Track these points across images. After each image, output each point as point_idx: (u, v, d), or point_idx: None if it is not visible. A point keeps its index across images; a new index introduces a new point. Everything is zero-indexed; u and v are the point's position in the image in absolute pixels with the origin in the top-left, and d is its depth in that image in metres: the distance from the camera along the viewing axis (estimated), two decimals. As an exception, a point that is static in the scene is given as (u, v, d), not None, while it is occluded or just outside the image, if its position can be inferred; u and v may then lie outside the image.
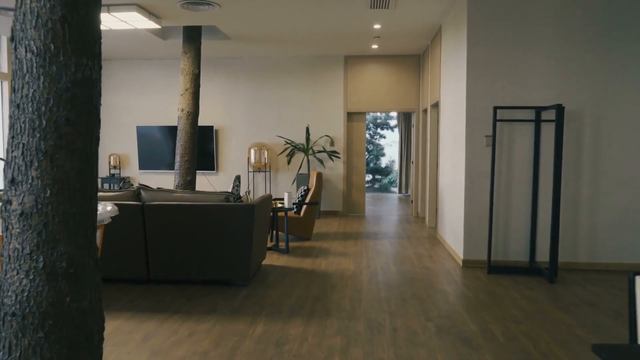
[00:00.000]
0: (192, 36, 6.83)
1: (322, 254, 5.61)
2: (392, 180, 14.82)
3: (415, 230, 7.27)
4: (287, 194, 5.74)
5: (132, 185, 4.56)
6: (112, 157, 9.17)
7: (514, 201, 4.96)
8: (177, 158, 6.89)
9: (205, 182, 9.11)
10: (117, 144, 9.31)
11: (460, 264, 5.11)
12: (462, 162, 5.16)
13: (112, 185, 9.28)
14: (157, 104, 9.17)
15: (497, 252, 5.02)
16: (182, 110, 6.83)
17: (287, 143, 8.56)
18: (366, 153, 14.80)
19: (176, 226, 4.17)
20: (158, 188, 4.37)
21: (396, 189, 14.07)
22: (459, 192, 5.31)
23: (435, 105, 7.37)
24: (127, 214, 4.18)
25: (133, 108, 9.22)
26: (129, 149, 9.28)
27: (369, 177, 15.09)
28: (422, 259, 5.40)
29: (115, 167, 9.20)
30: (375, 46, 7.94)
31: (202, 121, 9.06)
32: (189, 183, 6.92)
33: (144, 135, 9.06)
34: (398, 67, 8.68)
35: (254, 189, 9.01)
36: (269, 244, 6.21)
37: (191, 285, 4.32)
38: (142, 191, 4.34)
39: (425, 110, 8.31)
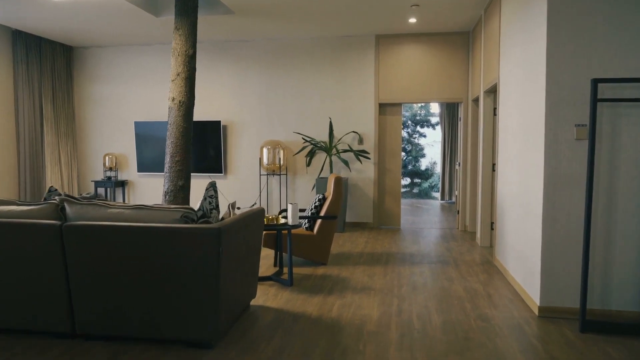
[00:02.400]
0: (186, 8, 5.52)
1: (337, 289, 4.12)
2: (433, 184, 13.13)
3: (464, 251, 5.66)
4: (291, 207, 4.30)
5: (59, 194, 3.24)
6: (107, 158, 8.00)
7: (619, 222, 3.32)
8: (167, 158, 5.60)
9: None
10: (113, 143, 8.14)
11: (536, 312, 3.50)
12: (538, 164, 3.56)
13: (107, 190, 8.12)
14: (158, 96, 7.94)
15: (592, 298, 3.38)
16: (173, 99, 5.54)
17: (307, 141, 7.12)
18: (403, 153, 13.19)
19: (111, 258, 2.80)
20: (91, 200, 3.01)
21: (438, 194, 12.38)
22: (532, 206, 3.70)
23: (492, 91, 5.74)
24: (39, 238, 2.84)
25: (131, 101, 8.02)
26: (127, 148, 8.09)
27: (406, 180, 13.46)
28: (477, 300, 3.82)
29: (111, 169, 8.03)
30: (413, 20, 6.38)
31: (208, 115, 7.76)
32: (180, 189, 5.61)
33: (144, 132, 7.84)
34: (441, 48, 7.07)
35: (267, 196, 7.62)
36: (272, 271, 4.78)
37: (133, 345, 2.93)
38: (66, 205, 2.99)
39: (476, 100, 6.68)
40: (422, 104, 13.24)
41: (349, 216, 7.42)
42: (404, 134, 13.26)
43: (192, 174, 7.74)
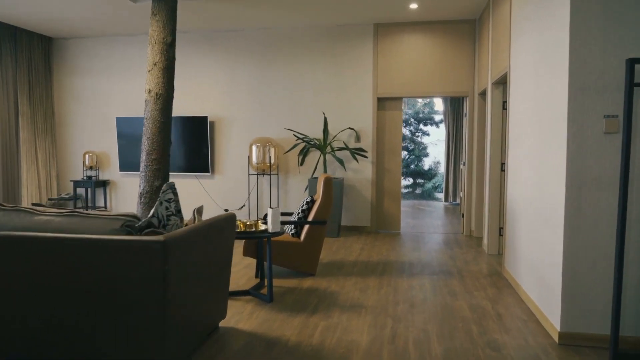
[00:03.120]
0: (164, -8, 5.04)
1: (323, 306, 3.58)
2: (436, 184, 12.57)
3: (470, 259, 5.11)
4: (271, 211, 3.76)
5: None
6: (87, 156, 7.49)
7: (658, 232, 2.76)
8: (143, 156, 5.12)
9: (197, 187, 7.27)
10: (94, 140, 7.63)
11: (556, 339, 2.95)
12: (558, 163, 3.01)
13: (87, 190, 7.61)
14: (142, 90, 7.42)
15: (624, 324, 2.83)
16: (149, 91, 5.07)
17: (299, 138, 6.58)
18: (406, 152, 12.64)
19: (36, 276, 2.28)
20: (17, 205, 2.49)
21: (442, 195, 11.82)
22: (551, 212, 3.15)
23: (501, 82, 5.19)
24: (-51, 253, 2.32)
25: (113, 96, 7.51)
26: (109, 146, 7.58)
27: (409, 181, 12.91)
28: (485, 322, 3.27)
29: (91, 168, 7.52)
30: (414, 5, 5.83)
31: (194, 111, 7.23)
32: (157, 190, 5.12)
33: (126, 129, 7.33)
34: (445, 37, 6.52)
35: (257, 197, 7.08)
36: (252, 283, 4.25)
37: (66, 382, 2.40)
38: (-13, 210, 2.47)
39: (483, 93, 6.12)
40: (426, 102, 12.68)
41: (345, 220, 6.87)
42: (407, 132, 12.71)
43: (178, 173, 7.23)
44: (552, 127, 3.13)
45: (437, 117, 12.70)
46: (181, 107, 7.27)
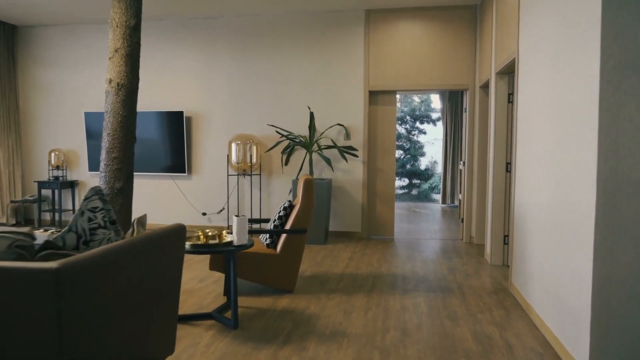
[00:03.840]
0: (126, -32, 4.44)
1: (297, 333, 2.98)
2: (433, 185, 11.99)
3: (471, 272, 4.51)
4: (236, 220, 3.15)
5: None
6: (53, 155, 6.87)
7: None
8: (103, 154, 4.51)
9: (173, 189, 6.65)
10: (61, 138, 7.00)
11: (583, 383, 2.36)
12: (586, 163, 2.41)
13: (54, 192, 6.99)
14: (113, 82, 6.80)
15: (671, 364, 2.24)
16: (110, 81, 4.44)
17: (283, 135, 5.97)
18: (401, 152, 12.05)
19: None
20: None
21: (439, 197, 11.24)
22: (577, 224, 2.56)
23: (506, 72, 4.60)
24: None
25: (82, 89, 6.89)
26: (77, 143, 6.96)
27: (404, 181, 12.32)
28: (492, 356, 2.67)
29: (58, 168, 6.89)
30: (409, -13, 5.24)
31: (170, 105, 6.62)
32: (119, 193, 4.52)
33: (95, 125, 6.71)
34: (443, 24, 5.93)
35: (238, 200, 6.47)
36: (219, 302, 3.64)
37: None
38: None
39: (485, 86, 5.53)
40: (423, 99, 12.10)
41: (333, 225, 6.27)
42: (402, 130, 12.13)
43: (151, 174, 6.62)
44: (577, 118, 2.54)
45: (435, 115, 12.13)
46: (155, 101, 6.66)
